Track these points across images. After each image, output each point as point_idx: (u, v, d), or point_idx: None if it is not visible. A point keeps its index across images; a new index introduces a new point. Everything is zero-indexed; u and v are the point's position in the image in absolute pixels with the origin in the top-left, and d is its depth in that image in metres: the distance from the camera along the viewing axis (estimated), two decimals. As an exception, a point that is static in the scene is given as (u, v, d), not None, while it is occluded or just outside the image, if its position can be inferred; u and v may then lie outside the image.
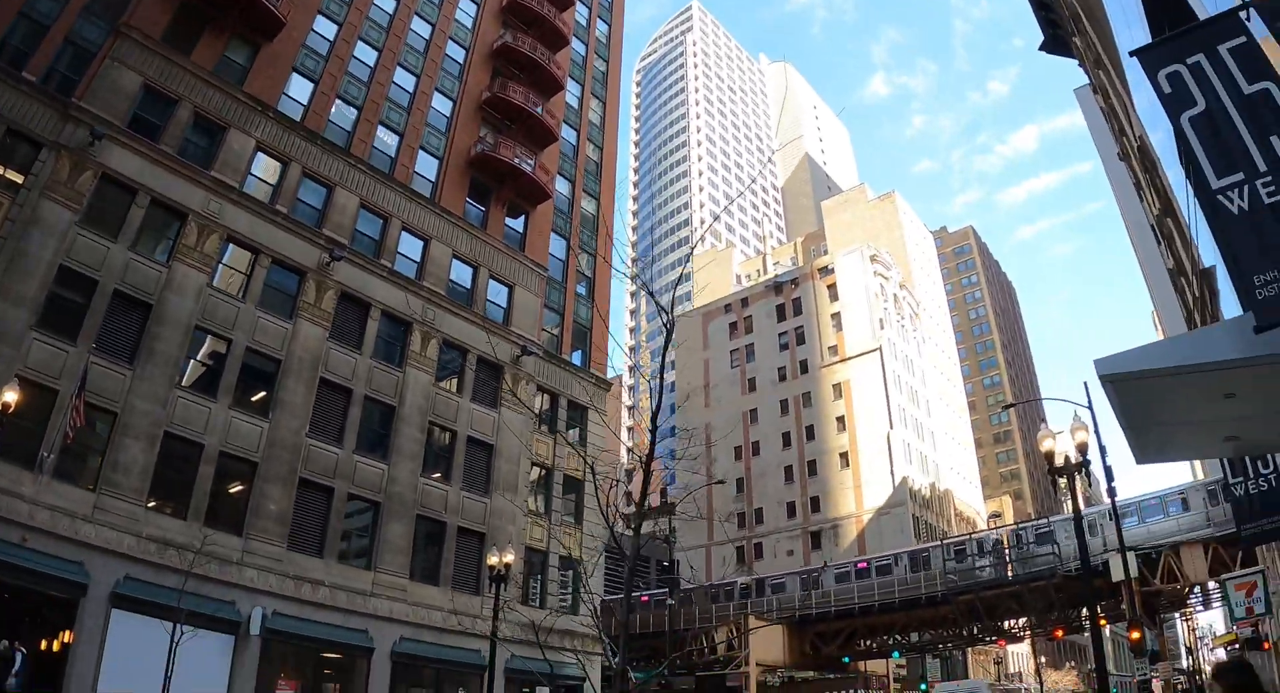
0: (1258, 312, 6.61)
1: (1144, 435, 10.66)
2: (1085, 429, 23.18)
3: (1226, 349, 8.76)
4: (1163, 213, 25.15)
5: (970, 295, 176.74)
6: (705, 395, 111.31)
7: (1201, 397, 9.47)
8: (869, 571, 63.79)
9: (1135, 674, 40.52)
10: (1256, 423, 10.82)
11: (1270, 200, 6.57)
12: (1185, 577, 49.64)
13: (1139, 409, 9.79)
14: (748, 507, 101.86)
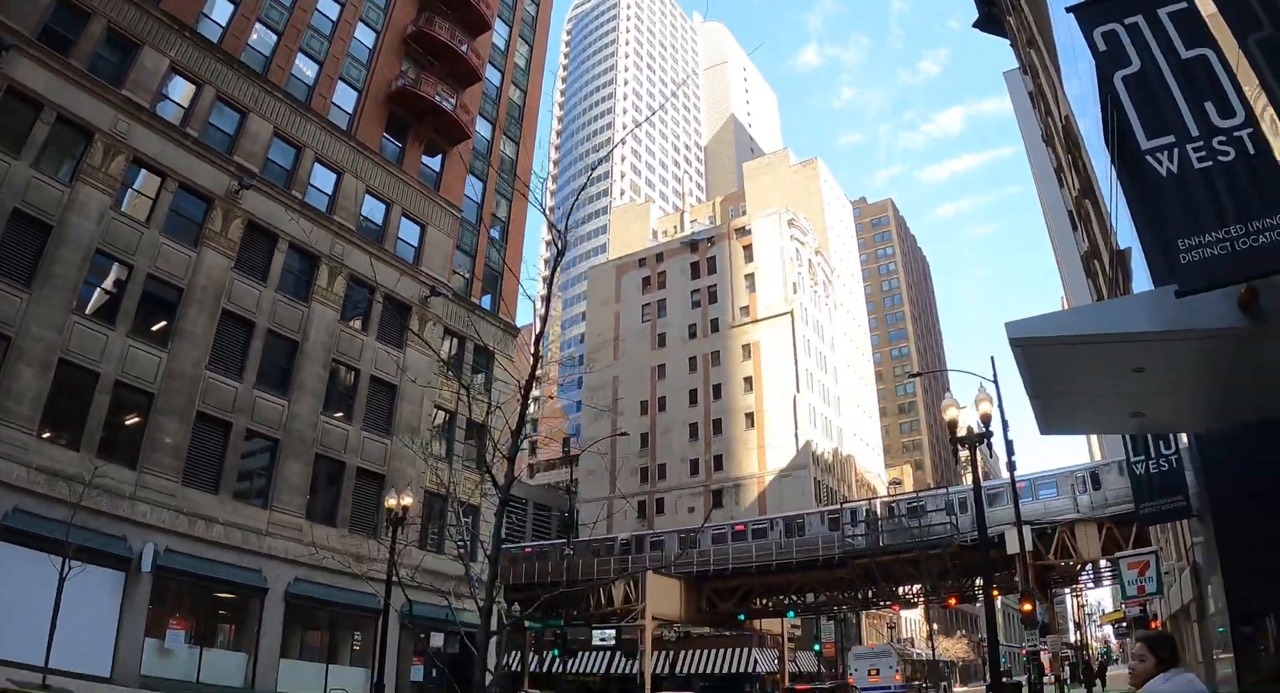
0: (1182, 277, 6.49)
1: (1050, 405, 10.58)
2: (989, 401, 23.31)
3: (1140, 321, 8.64)
4: (1082, 194, 25.30)
5: (885, 267, 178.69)
6: (614, 349, 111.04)
7: (1111, 369, 9.38)
8: (745, 533, 64.48)
9: (1024, 645, 41.48)
10: (1163, 401, 10.79)
11: (1200, 166, 6.46)
12: (1079, 553, 50.83)
13: (1047, 376, 9.67)
14: (651, 462, 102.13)
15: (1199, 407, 10.96)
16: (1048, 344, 8.75)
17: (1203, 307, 8.43)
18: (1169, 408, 11.09)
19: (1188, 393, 10.38)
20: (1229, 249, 6.33)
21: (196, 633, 33.12)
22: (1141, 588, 24.17)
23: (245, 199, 37.43)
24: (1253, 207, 6.31)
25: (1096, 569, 62.26)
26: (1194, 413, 11.38)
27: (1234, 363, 9.12)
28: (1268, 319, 8.03)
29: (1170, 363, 9.24)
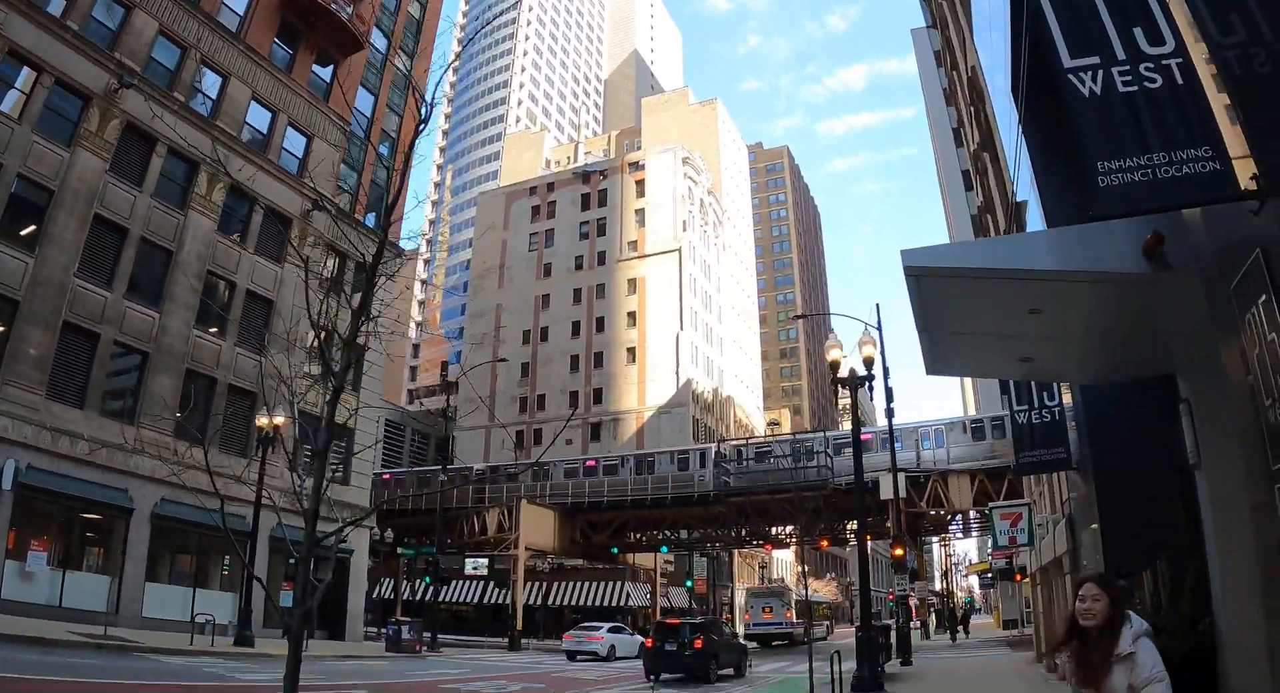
0: (1099, 200, 6.29)
1: (939, 342, 10.38)
2: (873, 345, 23.32)
3: (1042, 259, 8.43)
4: (981, 147, 25.35)
5: (776, 213, 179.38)
6: (500, 276, 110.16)
7: (1006, 308, 9.18)
8: (596, 469, 64.57)
9: (891, 590, 42.22)
10: (1054, 347, 10.66)
11: (1125, 90, 6.33)
12: (950, 503, 51.85)
13: (939, 311, 9.45)
14: (531, 392, 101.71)
15: (1088, 357, 10.88)
16: (944, 275, 8.50)
17: (1105, 250, 8.25)
18: (1059, 355, 10.98)
19: (1080, 341, 10.27)
20: (1150, 176, 6.18)
21: (60, 555, 31.91)
22: (1013, 539, 24.51)
23: (125, 99, 35.52)
24: (1177, 136, 6.18)
25: (966, 520, 63.81)
26: (1082, 363, 11.31)
27: (1130, 312, 8.99)
28: (1170, 267, 7.90)
29: (1067, 306, 9.07)
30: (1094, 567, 13.72)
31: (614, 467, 64.72)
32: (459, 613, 76.32)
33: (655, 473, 61.77)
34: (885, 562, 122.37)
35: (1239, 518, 10.13)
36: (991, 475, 49.84)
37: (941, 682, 24.38)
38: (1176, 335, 10.02)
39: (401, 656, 38.08)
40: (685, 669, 28.75)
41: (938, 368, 11.11)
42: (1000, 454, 50.69)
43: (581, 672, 33.97)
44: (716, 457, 60.57)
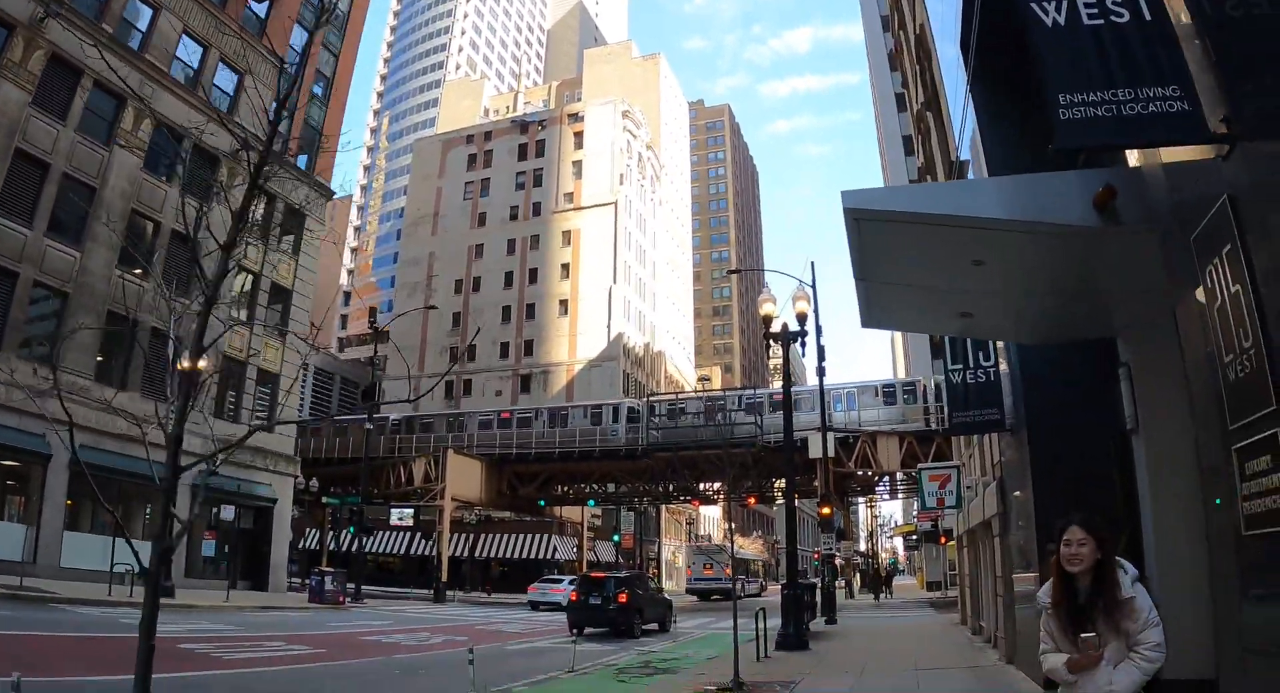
0: (1061, 133, 6.07)
1: (877, 293, 10.03)
2: (806, 300, 23.03)
3: (990, 206, 8.08)
4: (925, 106, 25.04)
5: (714, 171, 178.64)
6: (434, 224, 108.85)
7: (948, 257, 8.82)
8: (511, 421, 64.11)
9: (817, 549, 42.35)
10: (995, 303, 10.34)
11: (1091, 23, 6.11)
12: (878, 464, 52.05)
13: (879, 257, 9.08)
14: (461, 342, 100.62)
15: (1029, 315, 10.60)
16: (885, 220, 8.13)
17: (1055, 201, 7.94)
18: (1000, 312, 10.69)
19: (1022, 298, 9.98)
20: (1114, 112, 5.95)
21: (-25, 503, 30.94)
22: (941, 500, 24.39)
23: (50, 29, 34.12)
24: (1145, 74, 5.95)
25: (894, 482, 64.23)
26: (1023, 322, 11.03)
27: (1075, 268, 8.70)
28: (1121, 222, 7.61)
29: (1011, 258, 8.76)
30: (1026, 531, 13.54)
31: (528, 419, 64.19)
32: (386, 565, 75.87)
33: (567, 427, 61.65)
34: (812, 521, 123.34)
35: (1178, 483, 9.95)
36: (920, 438, 50.11)
37: (866, 642, 24.34)
38: (1120, 296, 9.77)
39: (324, 607, 37.59)
40: (609, 623, 28.54)
41: (874, 321, 10.77)
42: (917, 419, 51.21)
43: (505, 625, 33.69)
44: (630, 412, 60.33)
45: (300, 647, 20.48)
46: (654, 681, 16.49)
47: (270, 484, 44.47)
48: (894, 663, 18.19)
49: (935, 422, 52.05)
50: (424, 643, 23.69)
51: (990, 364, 14.94)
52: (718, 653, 20.70)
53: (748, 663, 17.68)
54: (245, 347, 43.54)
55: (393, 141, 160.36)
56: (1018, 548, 14.57)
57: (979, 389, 14.99)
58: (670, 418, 58.28)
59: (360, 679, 15.87)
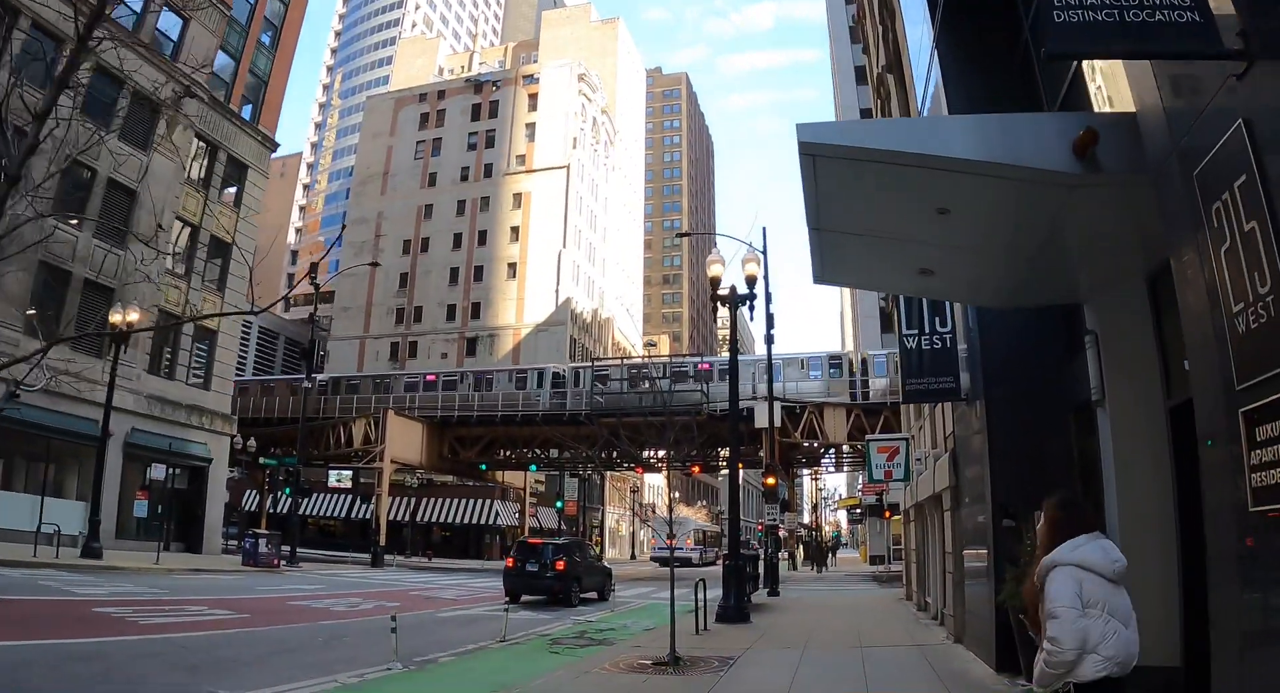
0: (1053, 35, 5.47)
1: (832, 244, 9.31)
2: (756, 263, 22.35)
3: (958, 145, 7.37)
4: (886, 69, 24.39)
5: (669, 139, 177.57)
6: (383, 183, 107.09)
7: (911, 204, 8.10)
8: (436, 384, 63.17)
9: (761, 520, 41.94)
10: (957, 259, 9.66)
11: None
12: (825, 435, 51.52)
13: (835, 203, 8.34)
14: (408, 304, 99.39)
15: (993, 275, 9.96)
16: (845, 157, 7.40)
17: (1031, 143, 7.29)
18: (962, 270, 10.04)
19: (986, 254, 9.33)
20: (1116, 18, 5.35)
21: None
22: (889, 473, 23.80)
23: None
24: None
25: (839, 455, 63.93)
26: (985, 282, 10.39)
27: (1046, 220, 8.04)
28: (1101, 169, 7.01)
29: (980, 207, 8.08)
30: (980, 506, 12.98)
31: (453, 382, 62.99)
32: (327, 528, 74.91)
33: (492, 390, 60.80)
34: (757, 492, 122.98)
35: (1145, 459, 9.39)
36: (868, 411, 49.69)
37: (809, 616, 23.70)
38: (1091, 257, 9.20)
39: (258, 571, 36.63)
40: (546, 591, 28.06)
41: (828, 275, 10.10)
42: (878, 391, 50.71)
43: (441, 591, 32.95)
44: (556, 378, 59.52)
45: (223, 612, 19.66)
46: (588, 652, 15.83)
47: (205, 443, 43.40)
48: (838, 639, 17.60)
49: (860, 395, 52.28)
50: (354, 609, 22.91)
51: (947, 331, 14.33)
52: (656, 624, 20.14)
53: (686, 636, 17.07)
54: (183, 301, 42.32)
55: (345, 99, 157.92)
56: (970, 524, 14.01)
57: (934, 356, 14.37)
58: (615, 383, 57.61)
59: (279, 646, 15.07)
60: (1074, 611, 4.82)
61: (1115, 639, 4.84)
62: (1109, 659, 4.81)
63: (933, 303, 14.65)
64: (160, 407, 40.51)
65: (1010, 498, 11.80)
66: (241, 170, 46.39)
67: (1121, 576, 5.02)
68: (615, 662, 13.86)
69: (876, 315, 68.16)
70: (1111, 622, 4.87)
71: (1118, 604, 4.94)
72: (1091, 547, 5.07)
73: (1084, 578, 4.93)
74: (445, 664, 14.19)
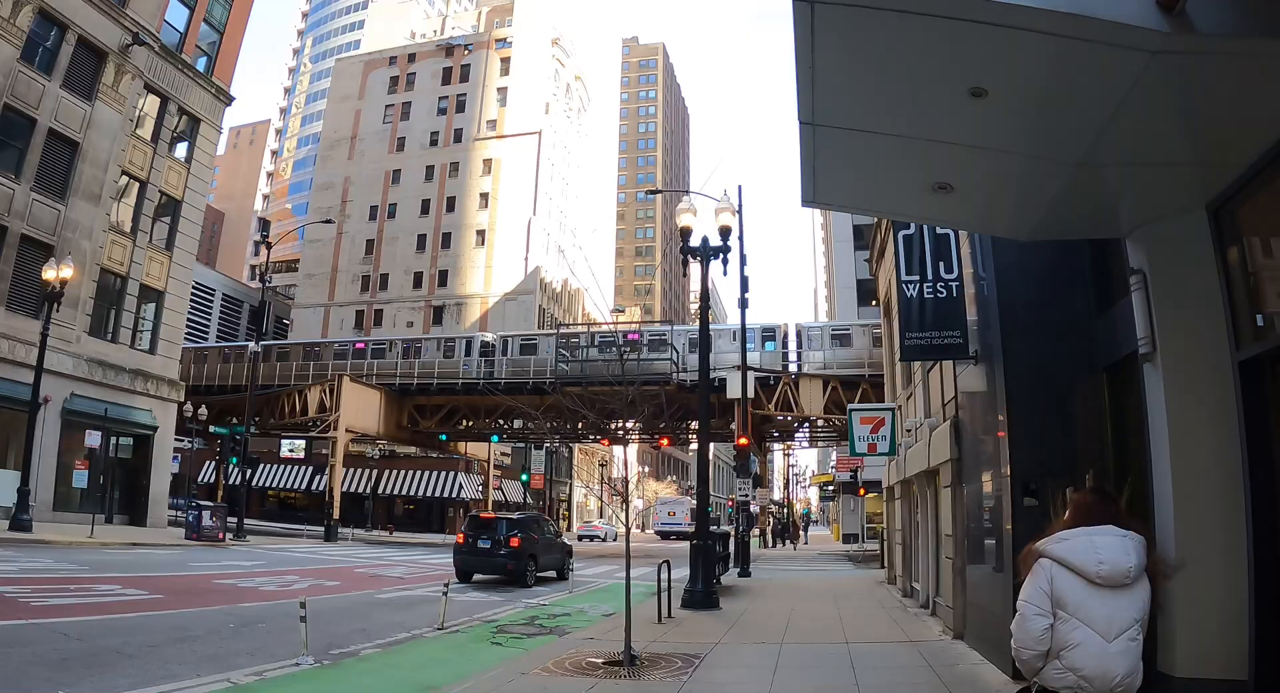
0: None
1: (828, 149, 7.31)
2: (731, 212, 20.38)
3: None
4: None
5: (644, 110, 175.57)
6: (351, 148, 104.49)
7: (939, 80, 6.15)
8: (365, 351, 61.08)
9: (731, 496, 40.19)
10: (984, 168, 7.68)
11: None
12: (800, 408, 49.23)
13: (837, 81, 6.35)
14: (374, 271, 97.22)
15: (1023, 193, 8.02)
16: (857, 1, 5.47)
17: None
18: (988, 184, 8.06)
19: (1023, 160, 7.38)
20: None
21: None
22: (873, 446, 21.80)
23: None
24: None
25: (814, 429, 61.92)
26: (1011, 204, 8.41)
27: (1110, 104, 6.10)
28: (1194, 29, 5.30)
29: (1027, 84, 6.12)
30: (994, 481, 11.10)
31: (382, 350, 60.48)
32: (288, 500, 73.19)
33: (421, 358, 58.71)
34: (728, 468, 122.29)
35: (1206, 421, 7.61)
36: (846, 384, 47.52)
37: (785, 601, 21.47)
38: (1146, 173, 7.34)
39: (200, 544, 34.74)
40: (499, 570, 26.36)
41: (821, 192, 8.14)
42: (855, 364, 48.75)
43: (391, 568, 31.04)
44: (484, 346, 57.42)
45: (137, 591, 17.78)
46: (536, 644, 13.97)
47: (150, 410, 41.39)
48: (819, 631, 15.61)
49: (796, 367, 51.03)
50: (285, 588, 20.96)
51: (953, 277, 12.35)
52: (616, 609, 18.39)
53: (646, 626, 15.26)
54: (127, 259, 40.25)
55: (316, 63, 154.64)
56: (977, 502, 12.12)
57: (938, 307, 12.37)
58: (601, 351, 55.54)
59: (180, 634, 13.14)
60: (1033, 608, 4.57)
61: (1083, 651, 4.43)
62: (1073, 671, 4.45)
63: (937, 246, 12.65)
64: (102, 371, 38.49)
65: (1032, 472, 9.96)
66: (194, 124, 44.32)
67: (1112, 579, 4.48)
68: (561, 659, 11.89)
69: (854, 286, 66.59)
70: (1081, 629, 4.45)
71: (1098, 612, 4.47)
72: (1079, 541, 4.64)
73: (1058, 575, 4.58)
74: (365, 659, 12.31)
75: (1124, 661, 4.38)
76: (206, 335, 79.24)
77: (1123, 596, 4.47)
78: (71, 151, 37.28)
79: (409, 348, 60.27)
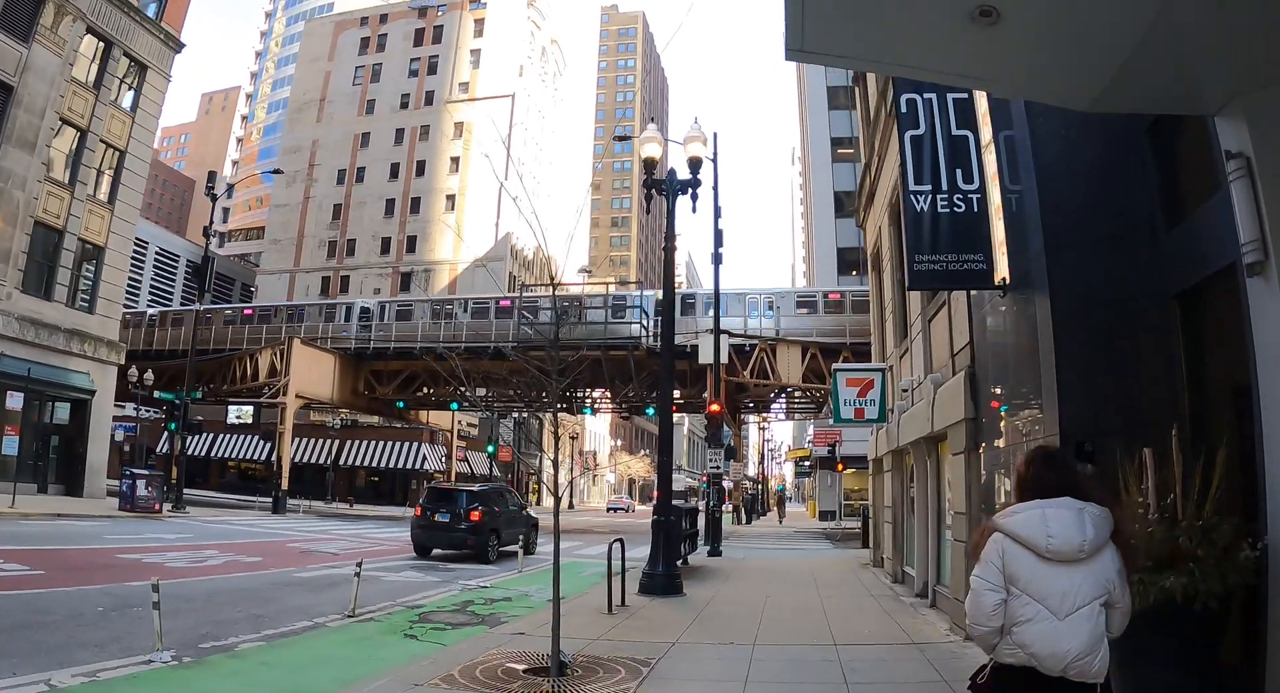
0: None
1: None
2: (703, 142, 17.99)
3: None
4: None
5: (622, 78, 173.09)
6: (319, 110, 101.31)
7: None
8: (319, 313, 58.20)
9: (704, 471, 38.06)
10: None
11: None
12: (777, 375, 46.42)
13: None
14: (341, 236, 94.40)
15: (1100, 34, 5.64)
16: None
17: None
18: (1051, 11, 5.65)
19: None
20: None
21: None
22: (860, 412, 19.23)
23: None
24: None
25: (790, 400, 59.50)
26: (1080, 49, 5.99)
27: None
28: None
29: None
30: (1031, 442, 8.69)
31: (334, 313, 58.06)
32: (249, 471, 70.77)
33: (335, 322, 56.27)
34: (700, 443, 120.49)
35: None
36: (826, 352, 44.96)
37: (759, 587, 18.71)
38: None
39: (133, 516, 32.47)
40: (459, 545, 24.69)
41: (812, 37, 5.80)
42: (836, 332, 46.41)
43: (331, 542, 28.66)
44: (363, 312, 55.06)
45: (18, 566, 15.64)
46: (454, 638, 11.64)
47: (88, 373, 38.95)
48: (800, 627, 13.08)
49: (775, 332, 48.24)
50: (196, 565, 18.61)
51: (974, 188, 9.87)
52: (568, 590, 16.16)
53: (593, 617, 13.00)
54: (64, 212, 37.80)
55: (290, 27, 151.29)
56: (1002, 471, 9.76)
57: (955, 224, 9.87)
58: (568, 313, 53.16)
59: (31, 619, 10.93)
60: (985, 583, 4.30)
61: (1032, 627, 4.15)
62: (1022, 648, 4.17)
63: (954, 150, 10.10)
64: (35, 330, 36.13)
65: (1086, 429, 7.62)
66: (140, 71, 41.79)
67: (1062, 554, 4.16)
68: (473, 664, 9.41)
69: (834, 253, 64.69)
70: (1032, 605, 4.17)
71: (1050, 588, 4.16)
72: (1031, 514, 4.33)
73: (1009, 549, 4.29)
74: (239, 655, 10.01)
75: (1077, 639, 4.08)
76: (170, 303, 76.91)
77: (1078, 570, 4.19)
78: (4, 96, 34.97)
79: (293, 313, 57.91)
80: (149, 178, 43.27)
